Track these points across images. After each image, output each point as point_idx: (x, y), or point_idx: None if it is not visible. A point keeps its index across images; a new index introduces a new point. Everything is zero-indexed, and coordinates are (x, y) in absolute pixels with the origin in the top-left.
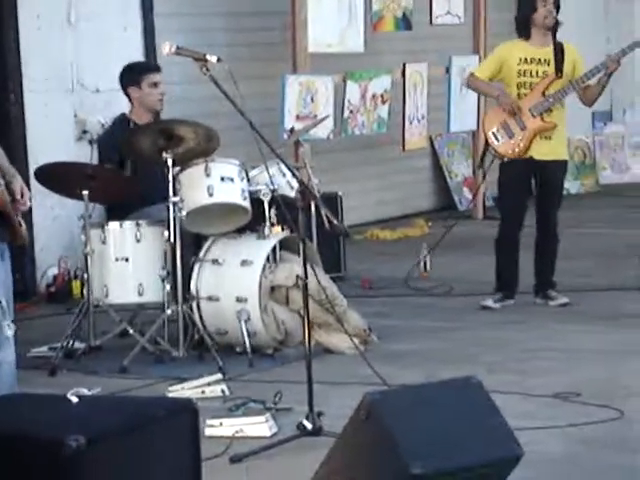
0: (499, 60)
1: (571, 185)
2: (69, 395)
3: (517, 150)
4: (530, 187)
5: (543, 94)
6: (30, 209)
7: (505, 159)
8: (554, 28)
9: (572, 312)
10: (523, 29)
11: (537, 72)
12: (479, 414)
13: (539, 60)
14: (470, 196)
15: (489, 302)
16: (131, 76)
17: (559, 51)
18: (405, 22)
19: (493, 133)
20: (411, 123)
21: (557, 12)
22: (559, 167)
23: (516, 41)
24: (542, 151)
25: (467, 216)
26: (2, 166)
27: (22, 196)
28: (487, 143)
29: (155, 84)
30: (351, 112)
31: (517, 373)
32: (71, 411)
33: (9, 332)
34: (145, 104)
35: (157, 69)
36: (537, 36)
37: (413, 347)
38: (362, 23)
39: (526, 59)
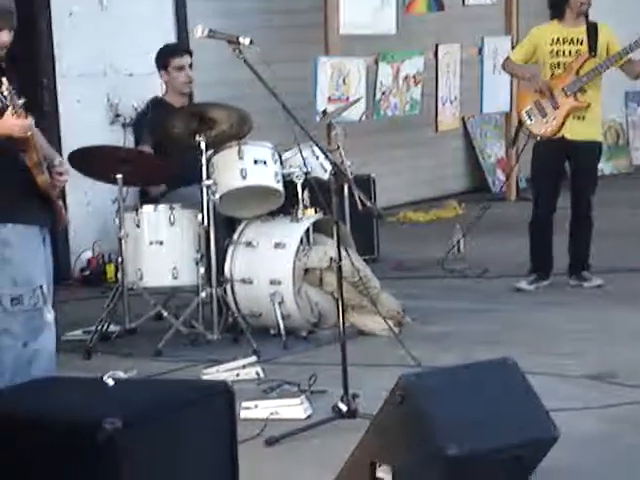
0: (532, 42)
1: (604, 166)
2: (105, 378)
3: (550, 129)
4: (563, 168)
5: (577, 73)
6: (64, 193)
7: (538, 138)
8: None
9: (606, 293)
10: (557, 10)
11: (570, 52)
12: (515, 395)
13: (572, 40)
14: (503, 177)
15: (523, 284)
16: (160, 60)
17: (592, 30)
18: (437, 3)
19: (526, 112)
20: (444, 104)
21: None
22: (592, 148)
23: (550, 22)
24: (575, 131)
25: (500, 198)
26: (43, 149)
27: (62, 174)
28: (520, 122)
29: (181, 67)
30: (383, 94)
31: (552, 355)
32: (107, 394)
33: (49, 317)
34: (173, 87)
35: (182, 52)
36: (570, 17)
37: (447, 329)
38: (394, 4)
39: (559, 39)
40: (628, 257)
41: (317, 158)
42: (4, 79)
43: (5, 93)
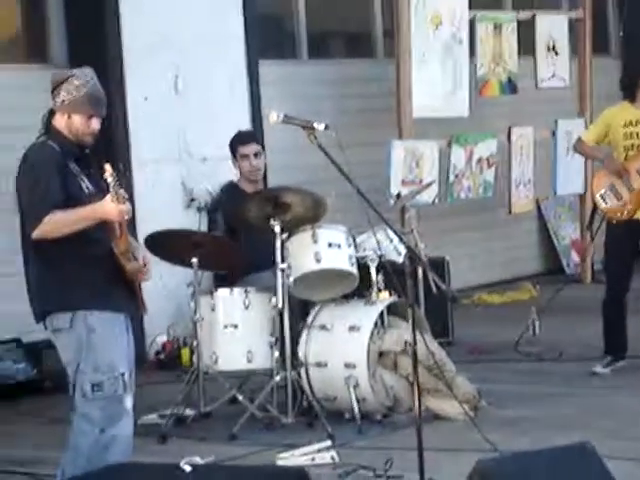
0: (605, 124)
1: None
2: (182, 464)
3: (625, 212)
4: (637, 249)
5: None
6: None
7: (613, 221)
8: None
9: None
10: (628, 91)
11: None
12: None
13: None
14: (578, 259)
15: (598, 368)
16: (230, 147)
17: None
18: (510, 86)
19: (601, 195)
20: (517, 187)
21: None
22: None
23: (622, 104)
24: None
25: (575, 280)
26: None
27: (145, 265)
28: (595, 206)
29: (245, 156)
30: (456, 176)
31: (630, 439)
32: None
33: (129, 404)
34: (242, 174)
35: (247, 141)
36: None
37: (524, 413)
38: (467, 87)
39: (631, 121)
40: None
41: (391, 241)
42: (108, 165)
43: (109, 180)
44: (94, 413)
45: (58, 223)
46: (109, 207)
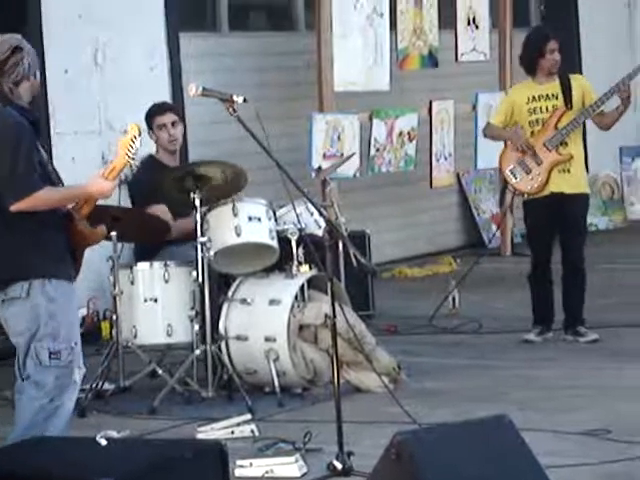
0: (509, 104)
1: (599, 221)
2: (98, 438)
3: (536, 185)
4: (553, 223)
5: (556, 127)
6: None
7: (525, 196)
8: None
9: (601, 349)
10: (529, 68)
11: (547, 107)
12: (510, 452)
13: (547, 95)
14: (498, 233)
15: (531, 336)
16: (147, 120)
17: (566, 83)
18: (431, 59)
19: (510, 171)
20: (438, 160)
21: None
22: (580, 200)
23: (523, 82)
24: (561, 184)
25: (496, 253)
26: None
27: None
28: (506, 182)
29: (163, 125)
30: (377, 150)
31: (547, 411)
32: (100, 454)
33: (77, 376)
34: (160, 145)
35: (164, 111)
36: (542, 75)
37: (443, 385)
38: (388, 61)
39: (534, 97)
40: (624, 312)
41: (312, 214)
42: (135, 126)
43: (135, 145)
44: (47, 380)
45: (50, 200)
46: (102, 186)
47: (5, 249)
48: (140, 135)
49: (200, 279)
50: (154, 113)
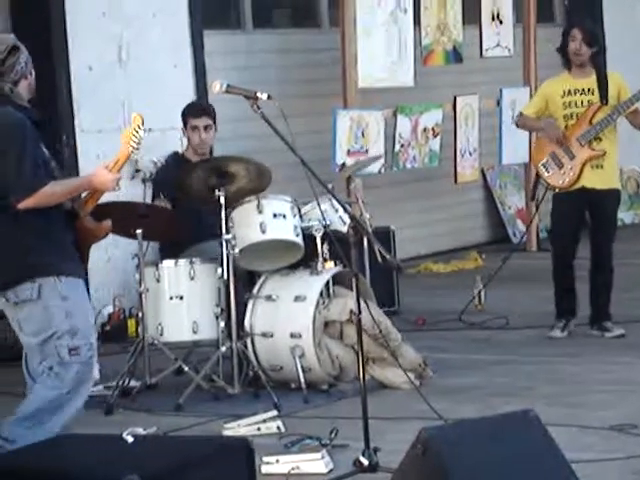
0: (543, 96)
1: (625, 215)
2: (124, 435)
3: (567, 180)
4: (584, 218)
5: (590, 123)
6: None
7: (557, 190)
8: (594, 58)
9: (628, 344)
10: (564, 60)
11: (582, 102)
12: (537, 448)
13: (582, 90)
14: (523, 228)
15: (556, 332)
16: (182, 117)
17: (602, 79)
18: (455, 55)
19: (543, 164)
20: (463, 156)
21: (591, 46)
22: (611, 196)
23: (560, 75)
24: (593, 180)
25: (521, 249)
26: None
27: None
28: (538, 175)
29: (195, 127)
30: (402, 146)
31: (574, 406)
32: (126, 451)
33: (96, 372)
34: (190, 145)
35: (198, 113)
36: (576, 68)
37: (469, 381)
38: (412, 57)
39: (569, 91)
40: None
41: (336, 211)
42: (138, 117)
43: (138, 135)
44: (69, 374)
45: (55, 195)
46: (106, 178)
47: (13, 249)
48: (143, 125)
49: (225, 276)
50: (189, 114)
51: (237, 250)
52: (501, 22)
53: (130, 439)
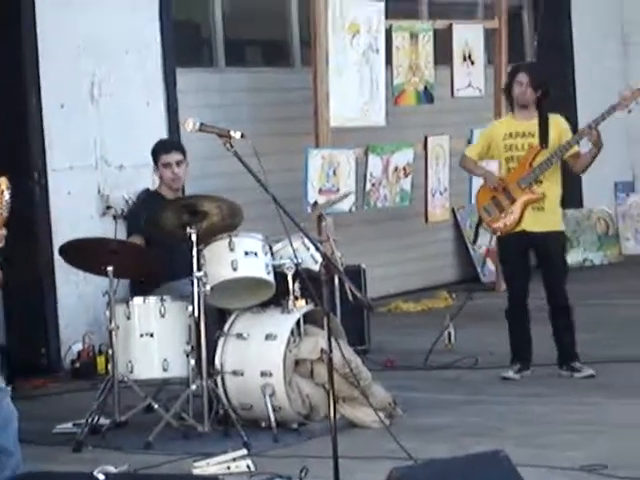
0: (486, 138)
1: (594, 256)
2: (95, 473)
3: (508, 223)
4: (528, 259)
5: (530, 166)
6: (54, 285)
7: (498, 233)
8: (539, 101)
9: (597, 384)
10: (509, 101)
11: (522, 145)
12: None
13: (523, 133)
14: (493, 268)
15: (510, 373)
16: (152, 155)
17: (544, 122)
18: (427, 95)
19: (484, 208)
20: (434, 196)
21: (536, 90)
22: (554, 238)
23: (504, 118)
24: (533, 223)
25: (490, 288)
26: None
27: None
28: (480, 219)
29: (167, 164)
30: (373, 185)
31: (543, 446)
32: None
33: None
34: (163, 183)
35: (169, 150)
36: (519, 110)
37: (439, 421)
38: (383, 97)
39: (511, 133)
40: (619, 347)
41: (308, 249)
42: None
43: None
44: None
45: None
46: None
47: None
48: (9, 189)
49: (196, 314)
50: (160, 150)
51: (208, 287)
52: (472, 63)
53: (101, 477)
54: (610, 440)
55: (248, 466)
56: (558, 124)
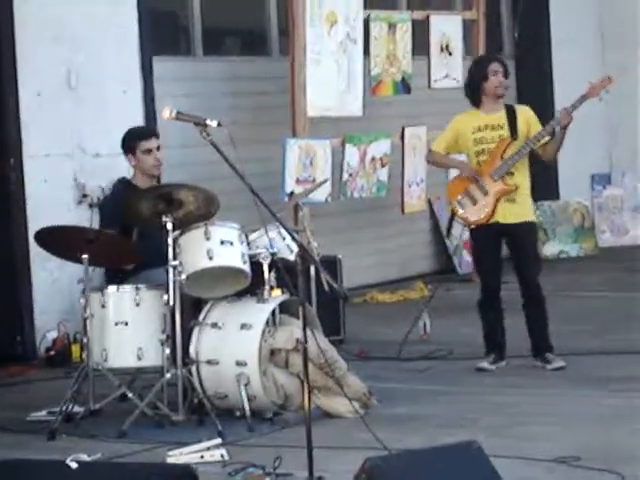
0: (454, 131)
1: (570, 248)
2: (68, 461)
3: (482, 216)
4: (500, 250)
5: (501, 157)
6: (29, 272)
7: (472, 226)
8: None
9: (568, 376)
10: (475, 97)
11: (492, 138)
12: (480, 479)
13: (493, 126)
14: (469, 259)
15: (485, 364)
16: (127, 143)
17: (511, 114)
18: (404, 86)
19: (457, 201)
20: (410, 186)
21: (507, 79)
22: (527, 229)
23: (469, 111)
24: (507, 214)
25: (467, 279)
26: None
27: None
28: (453, 212)
29: (149, 150)
30: (350, 175)
31: (517, 437)
32: (70, 477)
33: None
34: (142, 170)
35: (149, 135)
36: (488, 103)
37: (413, 411)
38: (361, 87)
39: (479, 127)
40: (593, 339)
41: (284, 239)
42: None
43: None
44: None
45: None
46: None
47: None
48: None
49: (171, 303)
50: (139, 137)
51: (184, 276)
52: (450, 54)
53: (74, 465)
54: (584, 432)
55: (222, 455)
56: (526, 115)
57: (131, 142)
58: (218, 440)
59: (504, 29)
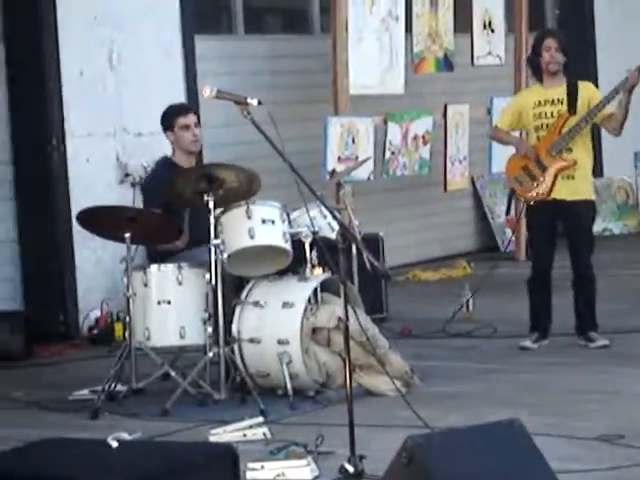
0: (516, 108)
1: (614, 226)
2: (109, 440)
3: (541, 192)
4: (556, 229)
5: (559, 133)
6: (73, 251)
7: (531, 203)
8: (566, 67)
9: (615, 354)
10: (535, 71)
11: (552, 113)
12: (522, 457)
13: (552, 101)
14: (512, 237)
15: (527, 343)
16: (165, 121)
17: (572, 89)
18: (446, 63)
19: (515, 178)
20: (453, 164)
21: (564, 55)
22: (585, 207)
23: (531, 87)
24: (564, 191)
25: (509, 257)
26: None
27: None
28: (512, 190)
29: (187, 126)
30: (392, 153)
31: (559, 415)
32: (111, 456)
33: None
34: (180, 147)
35: (187, 111)
36: (547, 79)
37: (455, 389)
38: (403, 64)
39: (540, 102)
40: (637, 317)
41: (325, 217)
42: None
43: None
44: None
45: None
46: None
47: None
48: None
49: (213, 281)
50: (177, 114)
51: (225, 255)
52: (493, 30)
53: (114, 444)
54: (628, 410)
55: (264, 434)
56: (587, 90)
57: (169, 119)
58: (260, 418)
59: (546, 5)
